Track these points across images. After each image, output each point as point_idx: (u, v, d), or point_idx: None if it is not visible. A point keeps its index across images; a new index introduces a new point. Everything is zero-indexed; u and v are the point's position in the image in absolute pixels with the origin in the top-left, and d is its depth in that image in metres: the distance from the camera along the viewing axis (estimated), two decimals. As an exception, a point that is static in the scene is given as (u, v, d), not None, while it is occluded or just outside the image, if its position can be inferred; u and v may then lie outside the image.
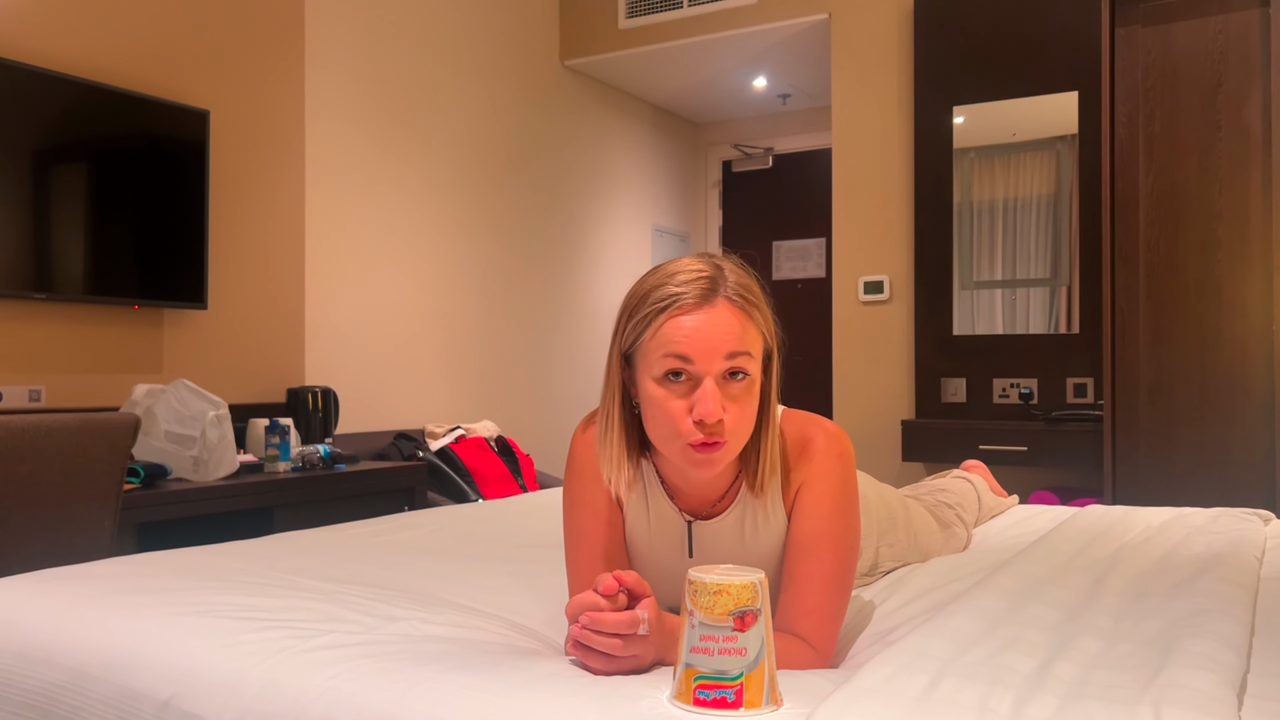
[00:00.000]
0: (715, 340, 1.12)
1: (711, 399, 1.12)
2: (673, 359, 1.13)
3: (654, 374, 1.15)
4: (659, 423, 1.16)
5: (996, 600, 1.26)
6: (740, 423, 1.15)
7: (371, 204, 4.11)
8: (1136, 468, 3.34)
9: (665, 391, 1.14)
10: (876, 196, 4.37)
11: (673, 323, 1.13)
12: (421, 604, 1.36)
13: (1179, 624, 1.18)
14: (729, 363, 1.13)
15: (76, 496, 2.17)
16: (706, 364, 1.12)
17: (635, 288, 1.19)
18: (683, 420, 1.13)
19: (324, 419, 3.63)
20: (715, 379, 1.13)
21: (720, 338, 1.12)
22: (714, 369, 1.13)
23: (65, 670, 1.19)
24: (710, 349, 1.12)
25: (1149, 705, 0.90)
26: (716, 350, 1.12)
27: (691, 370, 1.13)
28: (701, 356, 1.12)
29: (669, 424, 1.14)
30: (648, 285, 1.17)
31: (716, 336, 1.12)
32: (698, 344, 1.12)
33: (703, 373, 1.13)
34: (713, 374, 1.12)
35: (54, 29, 3.04)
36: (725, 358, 1.12)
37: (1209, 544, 1.76)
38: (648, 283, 1.18)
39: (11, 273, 2.87)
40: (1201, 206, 3.28)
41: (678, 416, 1.14)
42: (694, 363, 1.12)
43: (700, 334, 1.12)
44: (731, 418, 1.14)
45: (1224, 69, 3.26)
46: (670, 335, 1.13)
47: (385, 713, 0.97)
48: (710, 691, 0.92)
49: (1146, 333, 3.34)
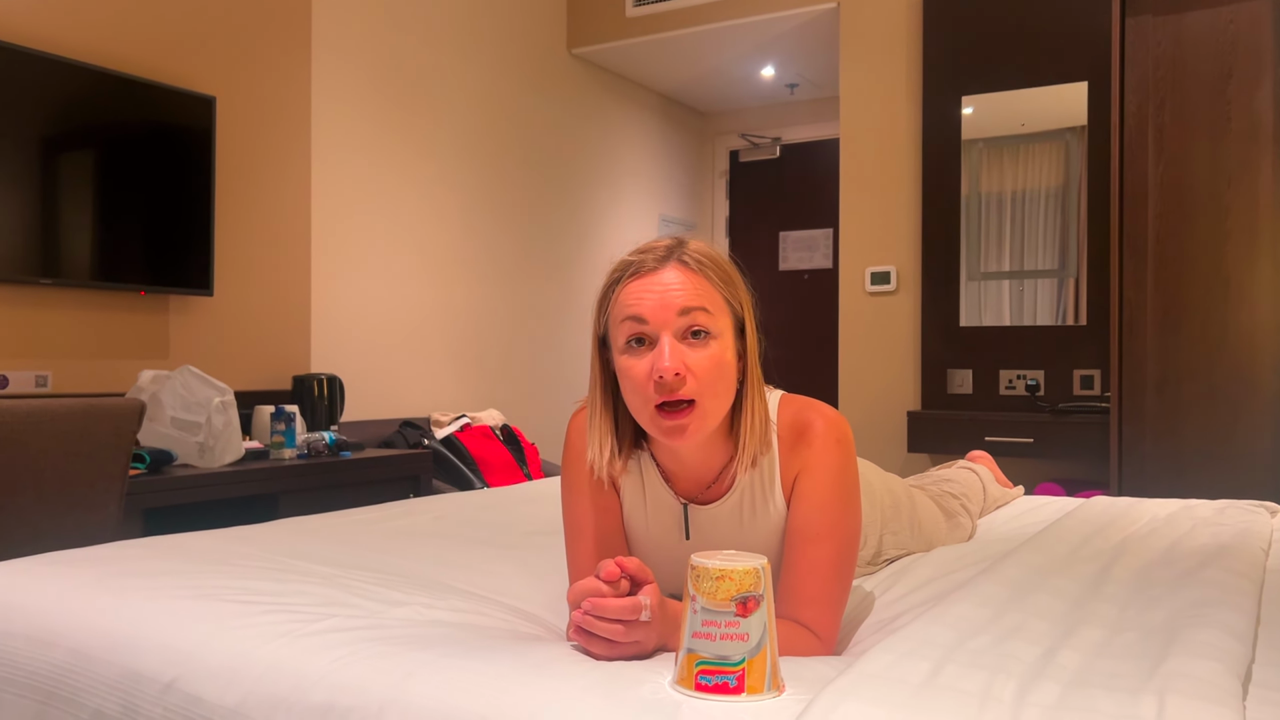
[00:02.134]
0: (667, 297, 1.14)
1: (667, 352, 1.13)
2: (630, 323, 1.15)
3: (619, 345, 1.17)
4: (629, 393, 1.17)
5: (1000, 589, 1.25)
6: (709, 381, 1.15)
7: (377, 191, 4.11)
8: (1143, 460, 3.33)
9: (630, 358, 1.16)
10: (884, 187, 4.36)
11: (628, 288, 1.17)
12: (424, 589, 1.36)
13: (1184, 614, 1.17)
14: (684, 319, 1.14)
15: (82, 481, 2.18)
16: (660, 321, 1.14)
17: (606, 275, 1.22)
18: (646, 383, 1.14)
19: (329, 406, 3.63)
20: (674, 336, 1.14)
21: (672, 294, 1.15)
22: (669, 325, 1.14)
23: (69, 652, 1.19)
24: (662, 305, 1.14)
25: (1153, 694, 0.89)
26: (668, 306, 1.14)
27: (648, 331, 1.15)
28: (654, 314, 1.14)
29: (636, 390, 1.16)
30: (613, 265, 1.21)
31: (668, 293, 1.15)
32: (650, 302, 1.15)
33: (658, 329, 1.14)
34: (669, 330, 1.14)
35: (61, 14, 3.04)
36: (679, 314, 1.14)
37: (1215, 535, 1.75)
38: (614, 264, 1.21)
39: (19, 258, 2.87)
40: (1211, 198, 3.26)
41: (642, 380, 1.15)
42: (648, 322, 1.15)
43: (652, 292, 1.15)
44: (697, 375, 1.14)
45: (1234, 60, 3.24)
46: (625, 300, 1.16)
47: (387, 696, 0.97)
48: (712, 677, 0.92)
49: (1154, 325, 3.33)
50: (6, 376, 2.91)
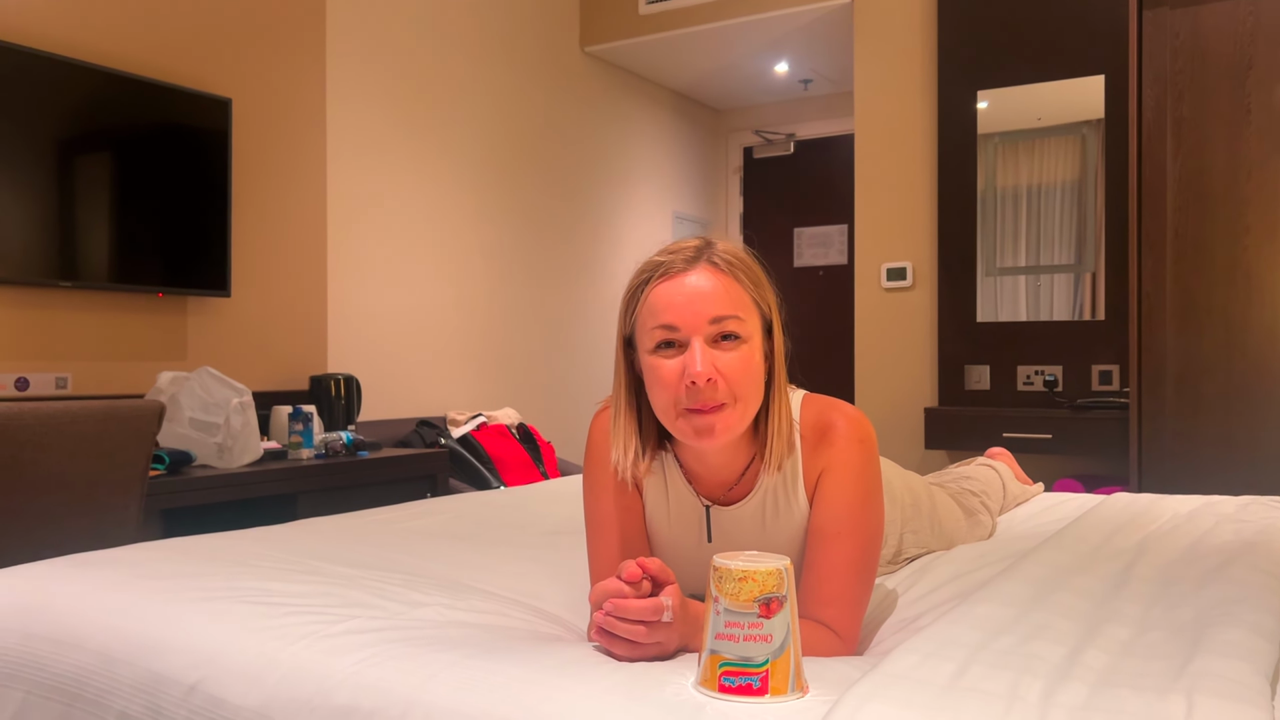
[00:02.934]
0: (699, 304, 1.13)
1: (699, 358, 1.12)
2: (660, 330, 1.14)
3: (648, 348, 1.16)
4: (656, 394, 1.16)
5: (1023, 588, 1.24)
6: (742, 384, 1.14)
7: (392, 191, 4.12)
8: (1163, 456, 3.31)
9: (659, 361, 1.15)
10: (899, 182, 4.34)
11: (657, 290, 1.15)
12: (445, 590, 1.36)
13: (1210, 612, 1.16)
14: (715, 327, 1.13)
15: (103, 483, 2.19)
16: (692, 327, 1.13)
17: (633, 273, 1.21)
18: (676, 386, 1.14)
19: (346, 406, 3.65)
20: (704, 341, 1.13)
21: (704, 300, 1.13)
22: (700, 331, 1.13)
23: (93, 654, 1.20)
24: (694, 312, 1.13)
25: (1181, 693, 0.88)
26: (700, 314, 1.13)
27: (679, 337, 1.14)
28: (686, 321, 1.13)
29: (664, 392, 1.15)
30: (640, 265, 1.20)
31: (699, 299, 1.13)
32: (681, 308, 1.13)
33: (689, 335, 1.13)
34: (700, 335, 1.13)
35: (77, 18, 3.06)
36: (710, 321, 1.13)
37: (1238, 532, 1.73)
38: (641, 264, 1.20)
39: (37, 261, 2.89)
40: (1230, 191, 3.23)
41: (671, 382, 1.14)
42: (679, 329, 1.14)
43: (683, 297, 1.14)
44: (728, 378, 1.13)
45: (1254, 51, 3.21)
46: (655, 304, 1.15)
47: (410, 697, 0.97)
48: (736, 678, 0.92)
49: (1174, 319, 3.30)
50: (27, 379, 2.93)
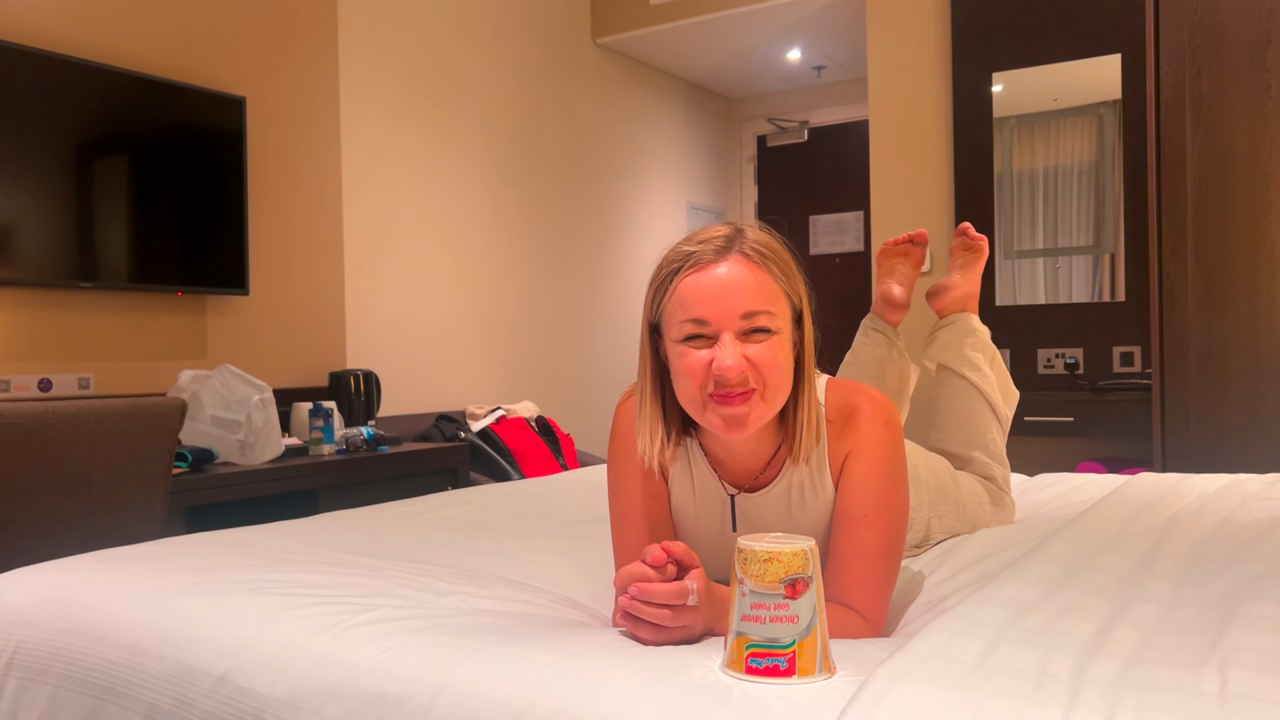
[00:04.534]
0: (730, 298, 1.11)
1: (728, 352, 1.10)
2: (690, 324, 1.12)
3: (675, 338, 1.14)
4: (683, 383, 1.14)
5: (1050, 567, 1.24)
6: (772, 374, 1.12)
7: (407, 186, 4.12)
8: (1187, 437, 3.28)
9: (687, 352, 1.13)
10: (915, 167, 4.31)
11: (687, 282, 1.13)
12: (469, 579, 1.36)
13: (1240, 588, 1.15)
14: (746, 322, 1.11)
15: (127, 481, 2.20)
16: (722, 321, 1.11)
17: (660, 259, 1.19)
18: (703, 375, 1.12)
19: (366, 402, 3.66)
20: (734, 335, 1.11)
21: (735, 295, 1.11)
22: (731, 326, 1.11)
23: (122, 648, 1.21)
24: (725, 307, 1.11)
25: (1214, 668, 0.88)
26: (731, 308, 1.11)
27: (709, 331, 1.12)
28: (716, 315, 1.11)
29: (690, 381, 1.13)
30: (668, 254, 1.17)
31: (731, 293, 1.11)
32: (712, 302, 1.11)
33: (719, 329, 1.11)
34: (730, 330, 1.11)
35: (92, 20, 3.07)
36: (742, 316, 1.11)
37: (1266, 509, 1.72)
38: (668, 252, 1.18)
39: (58, 263, 2.91)
40: (1252, 168, 3.20)
41: (697, 372, 1.12)
42: (709, 323, 1.11)
43: (714, 291, 1.11)
44: (758, 368, 1.11)
45: (1273, 25, 3.16)
46: (685, 296, 1.12)
47: (439, 683, 0.97)
48: (763, 659, 0.92)
49: (1195, 299, 3.27)
50: (50, 379, 2.95)
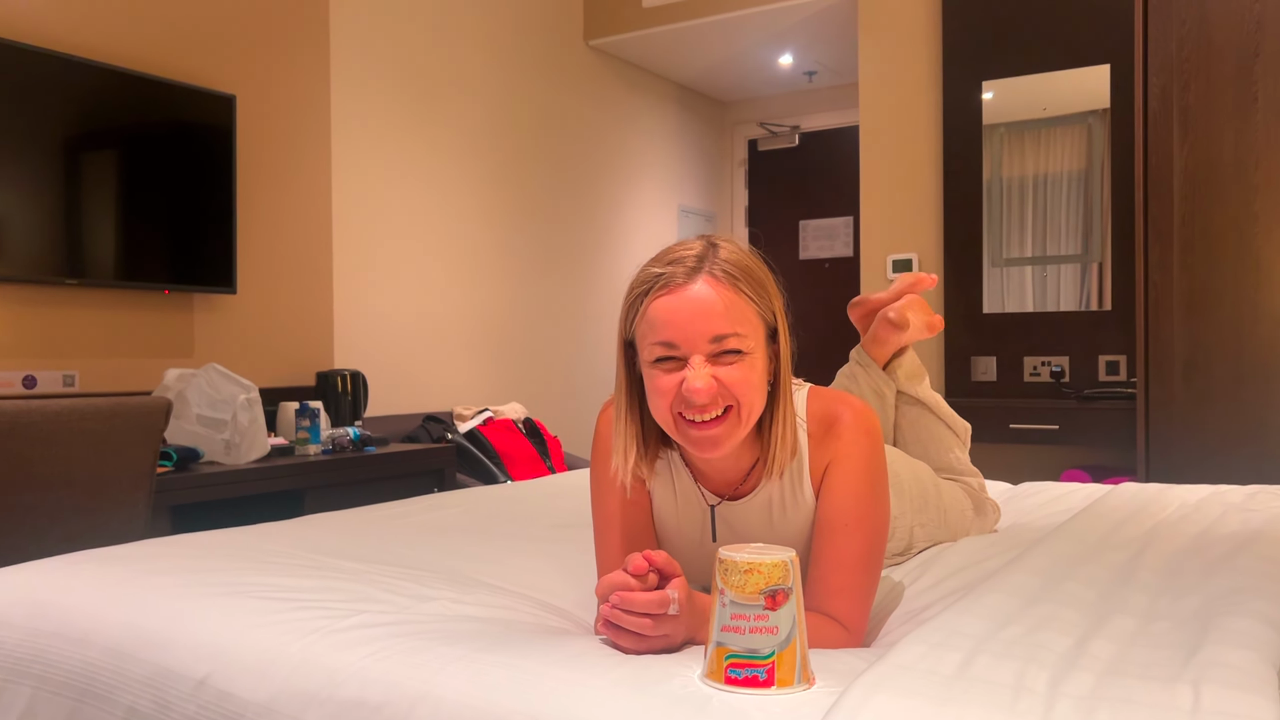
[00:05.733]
0: (699, 322, 1.10)
1: (696, 375, 1.10)
2: (660, 346, 1.12)
3: (647, 359, 1.15)
4: (656, 402, 1.15)
5: (1030, 578, 1.24)
6: (744, 393, 1.13)
7: (397, 186, 4.12)
8: (1170, 446, 3.30)
9: (658, 374, 1.14)
10: (905, 174, 4.33)
11: (656, 305, 1.12)
12: (452, 584, 1.36)
13: (1217, 602, 1.16)
14: (716, 345, 1.11)
15: (111, 479, 2.20)
16: (691, 345, 1.11)
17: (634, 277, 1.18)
18: (673, 397, 1.13)
19: (353, 402, 3.65)
20: (704, 358, 1.11)
21: (704, 318, 1.10)
22: (701, 349, 1.11)
23: (102, 650, 1.20)
24: (694, 331, 1.11)
25: (1188, 683, 0.88)
26: (700, 332, 1.11)
27: (679, 353, 1.12)
28: (685, 339, 1.11)
29: (662, 401, 1.14)
30: (640, 272, 1.17)
31: (700, 317, 1.10)
32: (681, 325, 1.11)
33: (689, 352, 1.11)
34: (700, 353, 1.11)
35: (81, 16, 3.06)
36: (711, 340, 1.11)
37: (1246, 522, 1.73)
38: (642, 268, 1.17)
39: (44, 259, 2.90)
40: (1238, 179, 3.22)
41: (668, 393, 1.13)
42: (679, 346, 1.12)
43: (682, 315, 1.11)
44: (729, 389, 1.12)
45: (1261, 38, 3.19)
46: (654, 319, 1.12)
47: (418, 691, 0.97)
48: (742, 670, 0.92)
49: (1181, 308, 3.29)
50: (34, 376, 2.94)
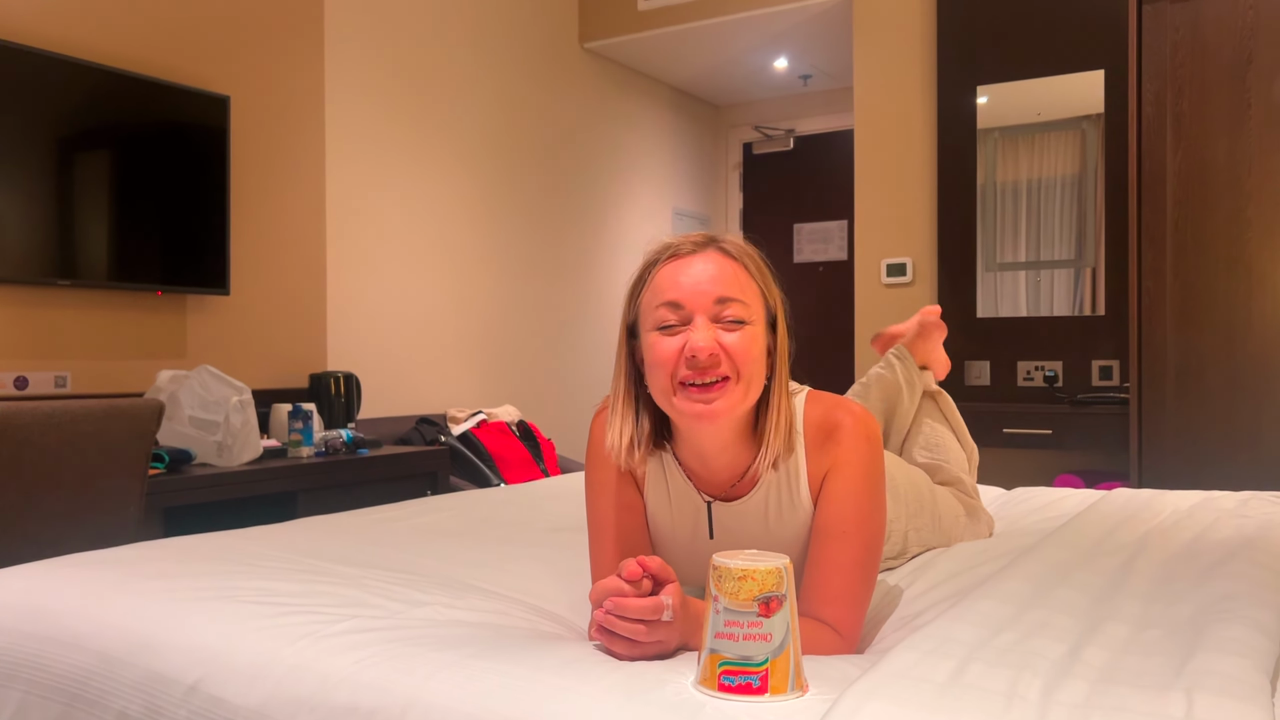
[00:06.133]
0: (704, 284, 1.15)
1: (701, 334, 1.13)
2: (665, 309, 1.15)
3: (650, 327, 1.17)
4: (655, 374, 1.17)
5: (1023, 585, 1.24)
6: (745, 363, 1.15)
7: (391, 188, 4.11)
8: (1163, 451, 3.31)
9: (660, 340, 1.16)
10: (899, 178, 4.33)
11: (665, 270, 1.17)
12: (445, 588, 1.36)
13: (1209, 609, 1.16)
14: (720, 308, 1.15)
15: (103, 482, 2.19)
16: (695, 305, 1.15)
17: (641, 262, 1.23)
18: (675, 362, 1.14)
19: (346, 404, 3.64)
20: (707, 319, 1.15)
21: (710, 281, 1.15)
22: (705, 310, 1.15)
23: (93, 654, 1.20)
24: (700, 291, 1.15)
25: (1181, 691, 0.88)
26: (706, 293, 1.15)
27: (682, 315, 1.15)
28: (690, 299, 1.15)
29: (662, 370, 1.15)
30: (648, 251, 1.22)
31: (706, 280, 1.15)
32: (687, 287, 1.15)
33: (693, 312, 1.15)
34: (704, 314, 1.15)
35: (75, 15, 3.05)
36: (716, 302, 1.15)
37: (1239, 528, 1.73)
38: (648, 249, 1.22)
39: (36, 260, 2.89)
40: (1231, 185, 3.23)
41: (670, 358, 1.15)
42: (683, 306, 1.15)
43: (689, 277, 1.16)
44: (731, 354, 1.14)
45: (1254, 45, 3.20)
46: (661, 283, 1.17)
47: (410, 697, 0.97)
48: (735, 677, 0.92)
49: (1174, 314, 3.30)
50: (26, 377, 2.93)
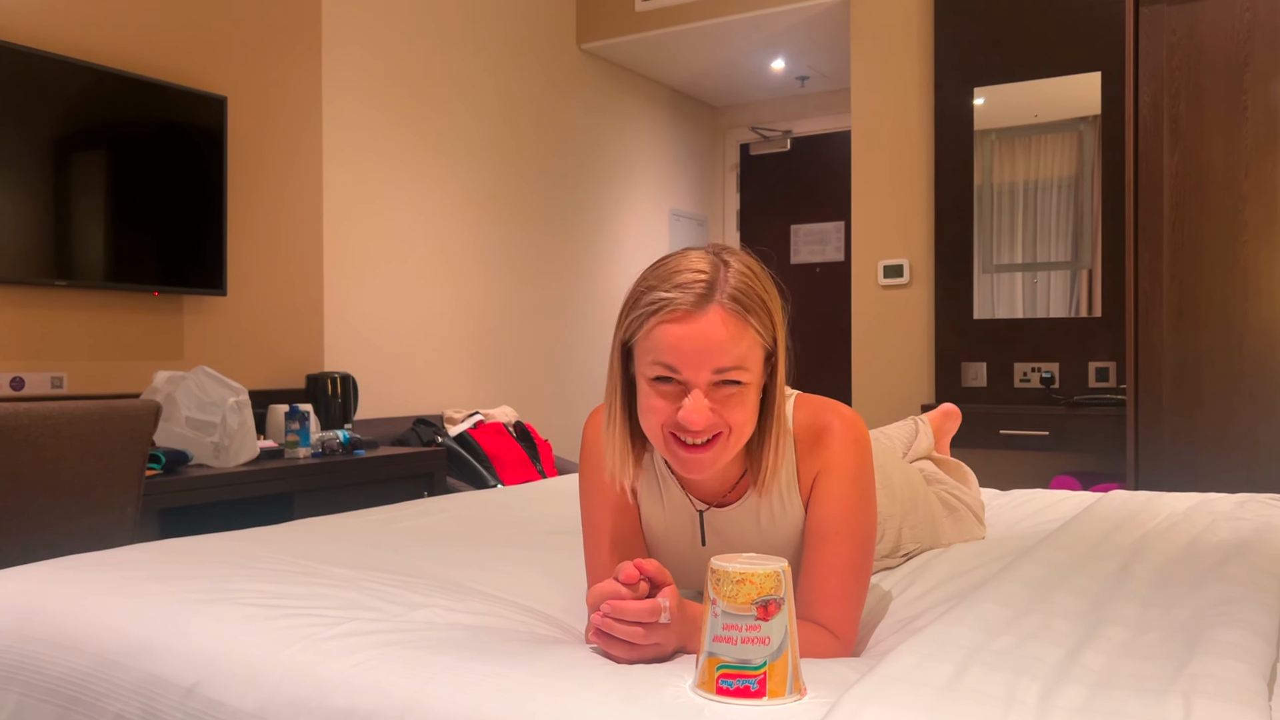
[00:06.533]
0: (703, 354, 1.09)
1: (695, 411, 1.10)
2: (660, 367, 1.11)
3: (645, 374, 1.14)
4: (647, 417, 1.15)
5: (1021, 588, 1.24)
6: (738, 422, 1.13)
7: (389, 189, 4.11)
8: (1160, 452, 3.31)
9: (654, 392, 1.13)
10: (896, 179, 4.34)
11: (661, 329, 1.11)
12: (443, 591, 1.36)
13: (1207, 612, 1.16)
14: (718, 375, 1.11)
15: (99, 483, 2.19)
16: (693, 374, 1.10)
17: (638, 280, 1.16)
18: (666, 418, 1.13)
19: (343, 405, 3.64)
20: (704, 388, 1.11)
21: (708, 352, 1.09)
22: (701, 380, 1.10)
23: (90, 657, 1.20)
24: (697, 362, 1.09)
25: (1179, 695, 0.88)
26: (704, 364, 1.09)
27: (679, 379, 1.11)
28: (688, 367, 1.10)
29: (654, 418, 1.14)
30: (647, 281, 1.14)
31: (704, 350, 1.09)
32: (685, 355, 1.09)
33: (690, 383, 1.11)
34: (700, 385, 1.10)
35: (72, 16, 3.05)
36: (714, 371, 1.10)
37: (1236, 530, 1.74)
38: (648, 278, 1.14)
39: (33, 260, 2.88)
40: (1227, 187, 3.23)
41: (661, 412, 1.13)
42: (680, 372, 1.11)
43: (688, 344, 1.09)
44: (724, 420, 1.12)
45: (1251, 47, 3.20)
46: (658, 343, 1.11)
47: (408, 700, 0.97)
48: (734, 680, 0.92)
49: (1170, 316, 3.30)
50: (22, 378, 2.92)
